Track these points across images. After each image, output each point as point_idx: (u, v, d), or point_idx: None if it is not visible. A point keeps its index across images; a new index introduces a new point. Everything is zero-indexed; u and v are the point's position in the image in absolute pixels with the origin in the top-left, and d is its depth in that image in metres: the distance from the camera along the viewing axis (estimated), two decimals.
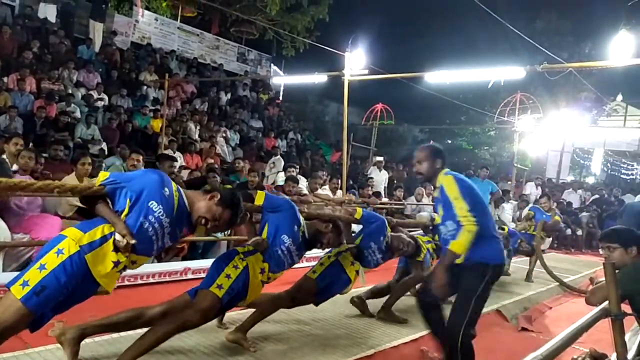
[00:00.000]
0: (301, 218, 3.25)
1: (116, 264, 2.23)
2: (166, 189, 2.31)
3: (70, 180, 4.92)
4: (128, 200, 2.24)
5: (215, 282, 2.81)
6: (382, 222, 4.05)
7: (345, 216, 3.82)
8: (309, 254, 4.12)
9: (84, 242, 2.16)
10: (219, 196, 2.48)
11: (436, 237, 4.92)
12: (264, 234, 3.08)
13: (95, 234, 2.19)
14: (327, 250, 3.88)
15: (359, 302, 4.39)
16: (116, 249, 2.20)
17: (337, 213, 3.82)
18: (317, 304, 3.78)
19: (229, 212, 2.51)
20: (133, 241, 2.18)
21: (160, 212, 2.27)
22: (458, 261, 2.82)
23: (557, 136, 16.29)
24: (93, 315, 2.82)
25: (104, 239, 2.19)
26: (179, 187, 2.46)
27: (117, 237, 2.18)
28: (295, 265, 3.37)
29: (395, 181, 12.00)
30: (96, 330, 2.70)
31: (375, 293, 4.52)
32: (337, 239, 3.68)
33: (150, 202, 2.25)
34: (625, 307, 2.58)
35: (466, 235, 2.75)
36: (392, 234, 4.17)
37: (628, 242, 2.85)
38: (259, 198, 3.13)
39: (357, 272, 3.93)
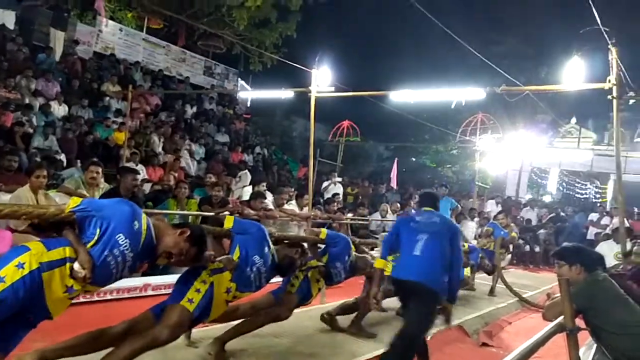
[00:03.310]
0: (270, 241, 3.25)
1: (69, 289, 2.17)
2: (136, 223, 2.28)
3: (24, 192, 4.72)
4: (98, 230, 2.20)
5: (186, 296, 2.74)
6: (347, 242, 4.14)
7: (310, 237, 4.00)
8: None
9: (45, 259, 2.08)
10: (188, 232, 2.49)
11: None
12: (235, 256, 3.04)
13: (57, 254, 2.12)
14: None
15: (329, 319, 4.45)
16: (72, 275, 2.14)
17: (302, 234, 3.92)
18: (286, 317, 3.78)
19: (195, 249, 2.54)
20: (89, 275, 2.14)
21: (126, 246, 2.23)
22: None
23: (515, 156, 16.87)
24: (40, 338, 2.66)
25: (64, 261, 2.13)
26: (149, 220, 2.40)
27: (76, 267, 2.13)
28: None
29: (360, 197, 12.09)
30: (57, 354, 2.54)
31: (344, 309, 4.59)
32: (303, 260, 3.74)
33: (117, 235, 2.21)
34: (580, 322, 2.67)
35: None
36: (358, 254, 4.28)
37: (572, 260, 2.99)
38: (228, 222, 3.19)
39: (320, 289, 3.98)
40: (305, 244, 3.83)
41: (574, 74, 5.72)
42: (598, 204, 17.36)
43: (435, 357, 4.23)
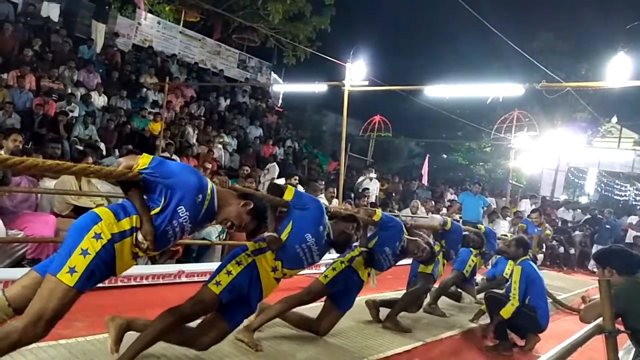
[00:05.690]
0: (326, 219, 3.17)
1: (135, 255, 2.27)
2: (200, 196, 2.29)
3: (69, 178, 4.91)
4: (163, 199, 2.24)
5: (215, 279, 2.79)
6: (400, 227, 3.96)
7: (364, 217, 3.72)
8: None
9: (116, 230, 2.15)
10: (251, 205, 2.48)
11: (443, 243, 4.96)
12: (287, 230, 3.00)
13: (127, 223, 2.19)
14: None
15: (373, 306, 4.48)
16: (136, 245, 2.23)
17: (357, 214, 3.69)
18: (342, 314, 3.76)
19: (255, 223, 2.54)
20: (152, 247, 2.23)
21: (185, 218, 2.27)
22: None
23: (552, 155, 16.41)
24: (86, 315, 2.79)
25: (132, 230, 2.20)
26: (214, 188, 2.41)
27: (140, 238, 2.21)
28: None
29: (393, 194, 12.03)
30: (139, 328, 2.69)
31: (390, 302, 4.56)
32: (364, 238, 3.73)
33: (179, 208, 2.24)
34: (618, 325, 2.60)
35: None
36: (409, 237, 4.08)
37: (604, 264, 3.01)
38: (289, 193, 3.08)
39: (369, 274, 3.88)
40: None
41: (618, 70, 5.53)
42: (638, 207, 16.73)
43: (468, 356, 4.20)
